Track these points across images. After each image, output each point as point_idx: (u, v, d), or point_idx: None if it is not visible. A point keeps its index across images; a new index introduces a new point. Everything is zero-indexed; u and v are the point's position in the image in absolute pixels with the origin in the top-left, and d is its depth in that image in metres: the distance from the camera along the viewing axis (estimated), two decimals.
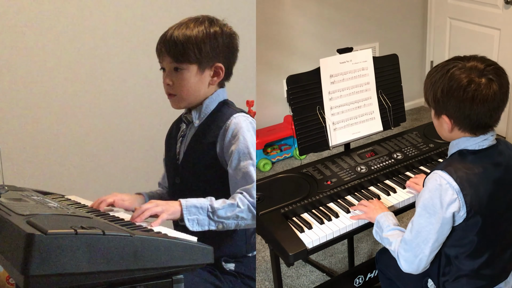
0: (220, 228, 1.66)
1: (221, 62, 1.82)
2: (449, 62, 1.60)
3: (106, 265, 1.19)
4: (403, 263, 1.63)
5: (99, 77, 2.92)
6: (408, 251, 1.61)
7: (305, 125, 2.09)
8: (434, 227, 1.56)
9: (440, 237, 1.58)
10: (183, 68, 1.78)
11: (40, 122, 2.76)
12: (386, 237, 1.71)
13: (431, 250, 1.59)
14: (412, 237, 1.60)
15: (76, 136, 2.88)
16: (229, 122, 1.77)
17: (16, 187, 1.91)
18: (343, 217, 1.87)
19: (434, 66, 1.66)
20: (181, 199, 1.64)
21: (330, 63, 2.11)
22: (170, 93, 1.84)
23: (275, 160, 3.93)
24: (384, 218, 1.76)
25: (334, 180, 2.01)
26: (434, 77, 1.60)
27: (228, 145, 1.75)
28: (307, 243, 1.74)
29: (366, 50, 2.21)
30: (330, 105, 2.13)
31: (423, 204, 1.58)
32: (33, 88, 2.73)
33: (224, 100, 1.88)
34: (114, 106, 2.99)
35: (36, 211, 1.39)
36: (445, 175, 1.55)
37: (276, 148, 3.97)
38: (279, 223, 1.81)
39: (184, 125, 1.90)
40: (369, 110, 2.24)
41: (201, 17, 1.83)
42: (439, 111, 1.61)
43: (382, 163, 2.12)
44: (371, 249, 2.94)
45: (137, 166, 3.11)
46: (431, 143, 2.26)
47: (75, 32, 2.80)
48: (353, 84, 2.18)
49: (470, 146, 1.60)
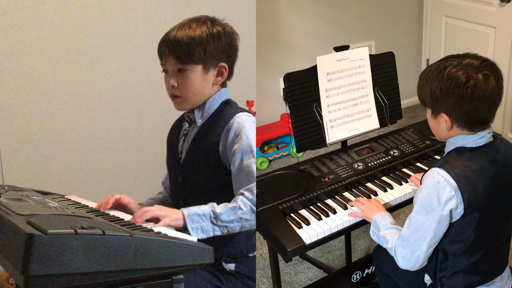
0: (225, 232, 1.66)
1: (224, 62, 1.83)
2: (443, 62, 1.61)
3: (106, 265, 1.19)
4: (400, 260, 1.64)
5: (99, 77, 2.92)
6: (405, 247, 1.62)
7: (302, 123, 2.10)
8: (431, 224, 1.57)
9: (437, 234, 1.60)
10: (187, 69, 1.78)
11: (40, 122, 2.76)
12: (383, 236, 1.72)
13: (428, 246, 1.60)
14: (410, 233, 1.61)
15: (76, 136, 2.88)
16: (232, 121, 1.78)
17: (16, 187, 1.90)
18: (340, 213, 1.88)
19: (427, 67, 1.67)
20: (183, 209, 1.63)
21: (326, 61, 2.13)
22: (175, 95, 1.83)
23: (272, 158, 3.95)
24: (381, 218, 1.77)
25: (331, 177, 2.03)
26: (429, 76, 1.61)
27: (231, 144, 1.75)
28: (305, 238, 1.75)
29: (363, 48, 2.22)
30: (327, 103, 2.15)
31: (421, 201, 1.59)
32: (33, 88, 2.73)
33: (226, 99, 1.89)
34: (114, 106, 2.99)
35: (36, 211, 1.38)
36: (442, 172, 1.56)
37: (273, 146, 3.99)
38: (277, 219, 1.82)
39: (187, 124, 1.90)
40: (365, 108, 2.26)
41: (202, 17, 1.84)
42: (437, 110, 1.62)
43: (379, 160, 2.14)
44: (368, 245, 2.95)
45: (137, 166, 3.12)
46: (427, 140, 2.27)
47: (75, 31, 2.81)
48: (349, 82, 2.20)
49: (468, 143, 1.62)
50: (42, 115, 2.76)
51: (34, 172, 2.75)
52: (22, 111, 2.70)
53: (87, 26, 2.84)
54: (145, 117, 3.10)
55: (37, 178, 2.74)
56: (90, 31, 2.85)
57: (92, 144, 2.94)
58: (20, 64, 2.67)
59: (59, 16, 2.75)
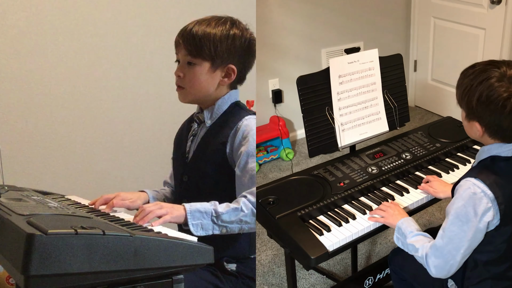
0: (223, 232, 1.66)
1: (235, 64, 1.83)
2: (487, 68, 1.54)
3: (106, 265, 1.19)
4: (433, 269, 1.61)
5: (99, 76, 2.91)
6: (439, 257, 1.60)
7: (315, 126, 2.06)
8: (466, 235, 1.55)
9: (472, 245, 1.57)
10: (196, 63, 1.80)
11: (40, 122, 2.76)
12: (411, 244, 1.69)
13: (463, 257, 1.58)
14: (444, 244, 1.58)
15: (76, 136, 2.88)
16: (241, 123, 1.79)
17: (16, 187, 1.91)
18: (360, 219, 1.85)
19: (470, 67, 1.60)
20: (185, 204, 1.64)
21: (339, 64, 2.09)
22: (179, 85, 1.85)
23: (262, 162, 3.89)
24: (405, 224, 1.74)
25: (346, 182, 1.99)
26: (470, 81, 1.55)
27: (238, 146, 1.76)
28: (328, 246, 1.71)
29: (373, 50, 2.19)
30: (339, 106, 2.11)
31: (456, 212, 1.56)
32: (33, 88, 2.71)
33: (236, 101, 1.89)
34: (114, 106, 2.98)
35: (36, 211, 1.39)
36: (479, 183, 1.53)
37: (263, 149, 3.93)
38: (298, 226, 1.77)
39: (196, 124, 1.91)
40: (375, 111, 2.23)
41: (225, 17, 1.85)
42: (472, 117, 1.59)
43: (392, 164, 2.11)
44: (368, 250, 2.93)
45: (137, 166, 3.11)
46: (437, 143, 2.26)
47: (75, 31, 2.80)
48: (360, 84, 2.16)
49: (503, 152, 1.59)
50: (42, 115, 2.75)
51: (34, 172, 2.75)
52: (22, 111, 2.69)
53: (87, 25, 2.83)
54: (145, 117, 3.09)
55: (37, 178, 2.75)
56: (90, 30, 2.84)
57: (92, 144, 2.94)
58: (20, 64, 2.66)
59: (60, 16, 2.74)
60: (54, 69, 2.75)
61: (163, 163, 2.03)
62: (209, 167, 1.81)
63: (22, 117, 2.70)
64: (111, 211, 1.79)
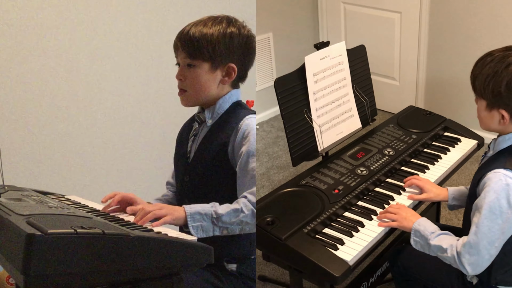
0: (224, 233, 1.65)
1: (235, 63, 1.80)
2: (507, 54, 1.51)
3: (106, 265, 1.19)
4: (468, 267, 1.53)
5: (99, 76, 2.93)
6: (474, 254, 1.52)
7: (296, 131, 1.90)
8: (500, 228, 1.50)
9: (506, 236, 1.53)
10: (195, 64, 1.79)
11: (40, 122, 2.77)
12: (436, 245, 1.59)
13: (497, 250, 1.53)
14: (478, 240, 1.51)
15: (76, 136, 2.90)
16: (242, 123, 1.77)
17: (16, 187, 1.90)
18: (369, 225, 1.71)
19: (486, 55, 1.56)
20: (185, 206, 1.62)
21: (313, 60, 1.94)
22: (181, 88, 1.83)
23: None
24: (423, 226, 1.64)
25: (341, 188, 1.83)
26: (492, 68, 1.50)
27: (239, 145, 1.74)
28: (348, 260, 1.56)
29: (340, 43, 2.06)
30: (316, 107, 1.96)
31: (489, 206, 1.50)
32: (33, 88, 2.73)
33: (237, 101, 1.87)
34: (114, 106, 3.00)
35: (36, 211, 1.39)
36: (509, 173, 1.49)
37: None
38: (309, 244, 1.60)
39: (197, 124, 1.89)
40: (348, 108, 2.10)
41: (221, 16, 1.83)
42: (496, 104, 1.54)
43: (378, 162, 1.99)
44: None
45: (138, 166, 3.13)
46: (412, 134, 2.19)
47: (75, 31, 2.82)
48: (332, 81, 2.03)
49: None
50: (42, 115, 2.77)
51: (34, 172, 2.77)
52: (22, 111, 2.71)
53: (87, 25, 2.85)
54: (146, 117, 3.12)
55: (37, 178, 2.77)
56: (91, 30, 2.86)
57: (92, 144, 2.95)
58: (20, 64, 2.68)
59: (60, 16, 2.76)
60: (54, 69, 2.78)
61: (164, 164, 2.02)
62: (211, 167, 1.79)
63: (22, 117, 2.72)
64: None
